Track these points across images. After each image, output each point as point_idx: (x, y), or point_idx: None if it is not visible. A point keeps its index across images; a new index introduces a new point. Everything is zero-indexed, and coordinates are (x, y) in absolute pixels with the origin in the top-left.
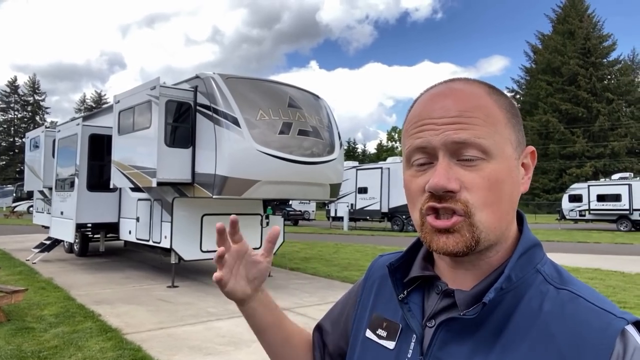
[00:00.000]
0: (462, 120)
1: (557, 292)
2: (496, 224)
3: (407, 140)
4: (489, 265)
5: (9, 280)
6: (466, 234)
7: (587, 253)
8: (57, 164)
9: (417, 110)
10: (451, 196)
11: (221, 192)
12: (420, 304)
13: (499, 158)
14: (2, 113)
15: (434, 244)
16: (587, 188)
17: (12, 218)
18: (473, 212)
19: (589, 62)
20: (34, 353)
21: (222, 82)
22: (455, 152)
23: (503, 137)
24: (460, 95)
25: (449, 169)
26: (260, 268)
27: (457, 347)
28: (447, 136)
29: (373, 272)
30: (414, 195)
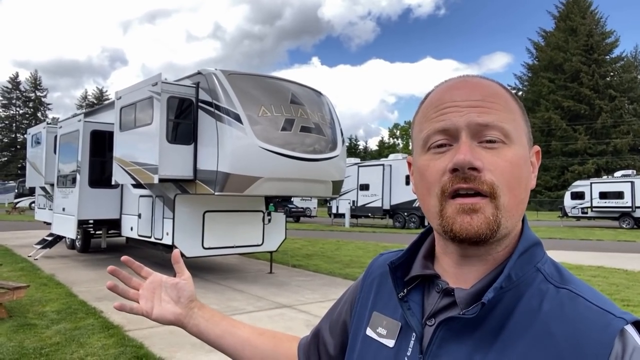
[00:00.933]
0: (485, 105)
1: (557, 291)
2: (514, 210)
3: (427, 124)
4: (495, 261)
5: (11, 276)
6: (490, 216)
7: (589, 250)
8: (58, 160)
9: (436, 97)
10: (475, 176)
11: (223, 189)
12: (420, 303)
13: (518, 144)
14: (4, 109)
15: (457, 226)
16: (590, 185)
17: (14, 214)
18: (498, 193)
19: (591, 59)
20: (36, 350)
21: (224, 78)
22: (478, 134)
23: (520, 126)
24: (479, 84)
25: (473, 148)
26: (179, 287)
27: (456, 345)
28: (470, 117)
29: (373, 270)
30: (431, 179)
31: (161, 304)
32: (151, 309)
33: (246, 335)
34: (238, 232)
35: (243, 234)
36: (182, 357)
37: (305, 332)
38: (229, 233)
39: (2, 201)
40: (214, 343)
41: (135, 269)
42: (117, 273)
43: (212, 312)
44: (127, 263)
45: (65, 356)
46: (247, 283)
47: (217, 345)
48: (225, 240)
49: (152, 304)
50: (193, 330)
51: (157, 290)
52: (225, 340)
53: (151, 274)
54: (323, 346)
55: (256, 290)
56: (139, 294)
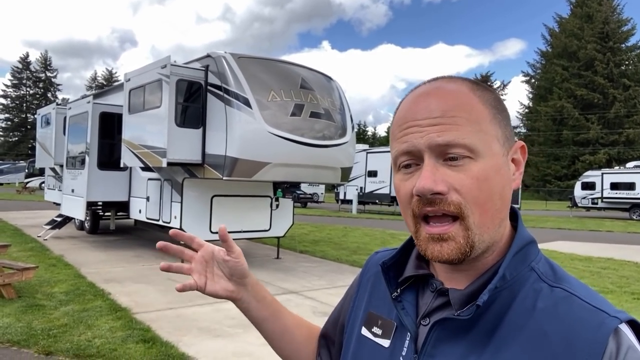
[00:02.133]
0: (445, 121)
1: (550, 290)
2: (489, 224)
3: (394, 144)
4: (485, 265)
5: (20, 256)
6: (460, 240)
7: (599, 242)
8: (67, 142)
9: (402, 112)
10: (441, 199)
11: (231, 174)
12: (413, 302)
13: (486, 156)
14: (14, 89)
15: (429, 253)
16: (601, 176)
17: (24, 194)
18: (466, 213)
19: (606, 47)
20: (44, 331)
21: (233, 62)
22: (441, 153)
23: (489, 134)
24: (443, 94)
25: (436, 171)
26: (230, 266)
27: (451, 346)
28: (430, 138)
29: (369, 268)
30: (404, 200)
31: (214, 279)
32: (204, 284)
33: (289, 324)
34: (246, 217)
35: (251, 219)
36: (189, 341)
37: (311, 318)
38: (237, 218)
39: (13, 181)
40: (257, 324)
41: (186, 240)
42: (167, 248)
43: (264, 292)
44: (177, 236)
45: (73, 338)
46: (254, 268)
47: (259, 326)
48: (233, 225)
49: (206, 278)
50: (242, 307)
51: (210, 264)
52: (269, 324)
53: (202, 246)
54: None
55: (263, 276)
56: (192, 268)
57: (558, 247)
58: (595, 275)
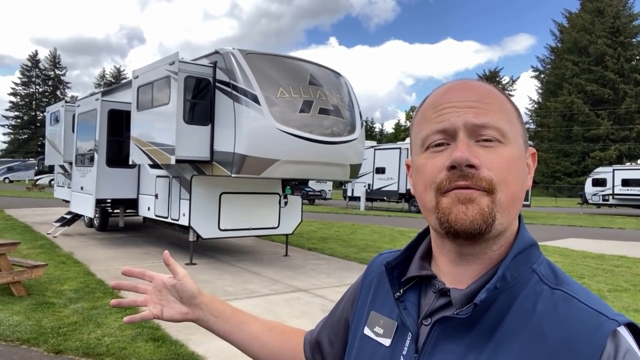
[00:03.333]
0: (482, 106)
1: (551, 292)
2: (510, 207)
3: (425, 125)
4: (491, 260)
5: (30, 254)
6: (485, 208)
7: (611, 239)
8: (76, 139)
9: (435, 99)
10: (474, 174)
11: (240, 171)
12: (416, 303)
13: (514, 144)
14: (24, 87)
15: (453, 216)
16: (612, 172)
17: (34, 191)
18: (496, 189)
19: (617, 42)
20: (54, 329)
21: (241, 58)
22: (475, 133)
23: (516, 127)
24: (476, 86)
25: (470, 147)
26: (177, 289)
27: (451, 345)
28: (467, 118)
29: (372, 270)
30: (429, 176)
31: (169, 305)
32: (160, 312)
33: (255, 332)
34: (254, 215)
35: (259, 216)
36: (199, 339)
37: (321, 316)
38: (245, 215)
39: (23, 178)
40: (223, 337)
41: (137, 276)
42: (121, 286)
43: (222, 307)
44: (127, 274)
45: (83, 336)
46: (262, 265)
47: (225, 338)
48: (242, 222)
49: (161, 306)
50: (203, 325)
51: (163, 292)
52: (233, 336)
53: (153, 277)
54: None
55: (272, 273)
56: (147, 300)
57: (570, 244)
58: (609, 274)
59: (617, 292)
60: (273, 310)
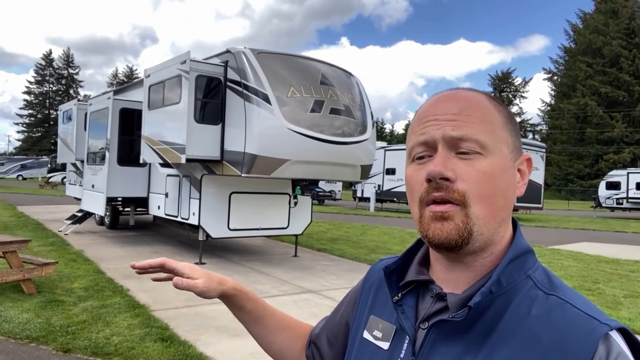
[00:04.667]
0: (462, 118)
1: (545, 298)
2: (489, 218)
3: (412, 137)
4: (483, 267)
5: (41, 251)
6: (459, 223)
7: (626, 244)
8: (88, 137)
9: (422, 110)
10: (448, 186)
11: (250, 171)
12: (413, 307)
13: (495, 154)
14: (38, 86)
15: (430, 232)
16: (626, 175)
17: (46, 188)
18: (469, 202)
19: (632, 44)
20: (63, 327)
21: (253, 57)
22: (454, 146)
23: (500, 136)
24: (461, 97)
25: (447, 160)
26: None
27: (447, 348)
28: (446, 131)
29: (372, 274)
30: (414, 189)
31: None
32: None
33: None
34: (264, 215)
35: (269, 216)
36: (207, 340)
37: None
38: (255, 215)
39: (36, 176)
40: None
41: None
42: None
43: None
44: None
45: (92, 335)
46: (271, 266)
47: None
48: (251, 222)
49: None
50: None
51: None
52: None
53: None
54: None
55: (281, 274)
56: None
57: (584, 248)
58: (624, 279)
59: (633, 298)
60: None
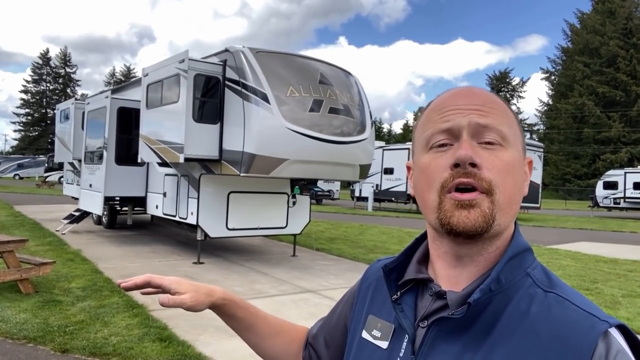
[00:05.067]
0: (486, 109)
1: (545, 295)
2: (508, 209)
3: (429, 126)
4: (487, 263)
5: (39, 250)
6: (486, 209)
7: (623, 243)
8: (86, 137)
9: (440, 102)
10: (475, 173)
11: (248, 170)
12: (412, 305)
13: (514, 148)
14: (35, 85)
15: (454, 219)
16: (624, 175)
17: (43, 188)
18: (495, 190)
19: (629, 44)
20: (60, 327)
21: (252, 56)
22: (477, 135)
23: (516, 133)
24: (480, 93)
25: (473, 147)
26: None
27: (447, 345)
28: (472, 118)
29: (369, 275)
30: (434, 175)
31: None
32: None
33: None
34: (262, 214)
35: (267, 216)
36: (206, 340)
37: None
38: (253, 215)
39: (33, 175)
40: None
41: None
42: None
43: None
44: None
45: (89, 335)
46: (270, 265)
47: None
48: (250, 221)
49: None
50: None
51: None
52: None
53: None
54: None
55: (279, 274)
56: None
57: (582, 248)
58: (622, 278)
59: (632, 298)
60: (281, 312)
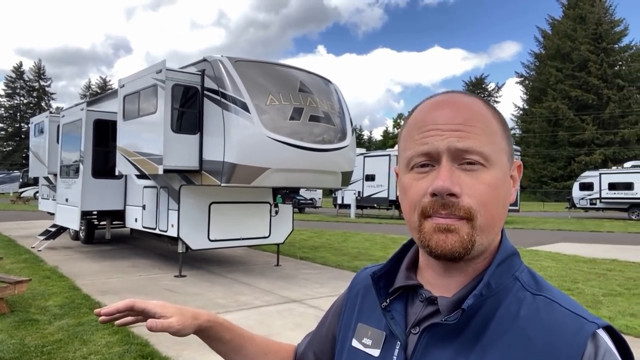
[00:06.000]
0: (466, 129)
1: (533, 298)
2: (490, 229)
3: (411, 145)
4: (475, 272)
5: (14, 268)
6: (464, 235)
7: (601, 243)
8: (61, 150)
9: (420, 116)
10: (454, 202)
11: (230, 180)
12: (403, 312)
13: (497, 166)
14: (8, 99)
15: (433, 243)
16: (599, 176)
17: (18, 204)
18: (475, 216)
19: (600, 48)
20: (37, 347)
21: (230, 66)
22: (458, 157)
23: (500, 147)
24: (461, 104)
25: (452, 173)
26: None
27: (439, 351)
28: (451, 142)
29: (357, 282)
30: (414, 199)
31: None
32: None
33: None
34: (245, 224)
35: (250, 226)
36: (189, 355)
37: None
38: (236, 225)
39: (7, 191)
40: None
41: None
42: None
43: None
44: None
45: (68, 354)
46: (254, 276)
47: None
48: (232, 232)
49: None
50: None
51: None
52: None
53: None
54: None
55: (263, 284)
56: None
57: (561, 249)
58: (602, 277)
59: (612, 297)
60: (266, 323)
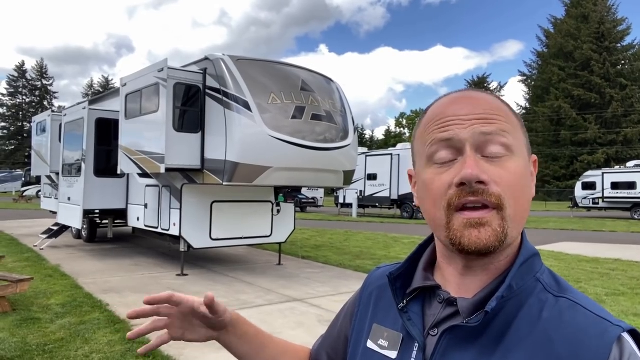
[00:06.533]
0: (488, 117)
1: (555, 300)
2: (519, 220)
3: (429, 136)
4: (497, 270)
5: (16, 267)
6: (497, 228)
7: (603, 242)
8: (63, 149)
9: (438, 110)
10: (483, 189)
11: (232, 179)
12: (420, 313)
13: (519, 155)
14: (11, 98)
15: (466, 240)
16: (602, 175)
17: (21, 202)
18: (505, 205)
19: (602, 47)
20: (39, 346)
21: (232, 64)
22: (481, 147)
23: (520, 139)
24: (480, 98)
25: (478, 162)
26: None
27: (460, 354)
28: (475, 129)
29: (370, 283)
30: (438, 193)
31: (193, 329)
32: (182, 335)
33: (270, 355)
34: (246, 223)
35: (251, 225)
36: (190, 354)
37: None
38: (237, 224)
39: (10, 190)
40: (237, 356)
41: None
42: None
43: (246, 327)
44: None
45: (70, 353)
46: (255, 275)
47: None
48: (234, 231)
49: (183, 330)
50: (222, 344)
51: (189, 317)
52: (249, 357)
53: (181, 302)
54: None
55: (265, 283)
56: (169, 323)
57: (564, 248)
58: (605, 277)
59: (615, 296)
60: (268, 322)
